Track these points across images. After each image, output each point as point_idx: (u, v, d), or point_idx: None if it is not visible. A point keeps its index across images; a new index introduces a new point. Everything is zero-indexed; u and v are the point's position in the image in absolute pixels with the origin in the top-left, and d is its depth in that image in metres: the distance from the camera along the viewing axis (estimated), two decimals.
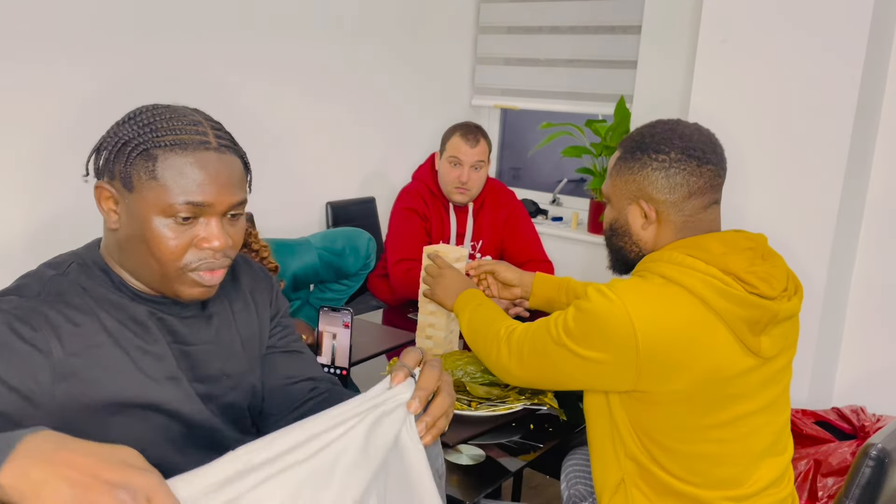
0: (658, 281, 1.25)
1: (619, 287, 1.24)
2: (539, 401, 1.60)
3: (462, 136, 2.48)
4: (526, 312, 2.28)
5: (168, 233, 0.98)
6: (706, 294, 1.22)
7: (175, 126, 0.99)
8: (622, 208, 1.37)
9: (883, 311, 2.25)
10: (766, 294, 1.25)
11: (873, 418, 2.02)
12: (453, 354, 1.73)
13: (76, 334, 0.95)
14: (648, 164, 1.31)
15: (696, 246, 1.28)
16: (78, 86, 2.14)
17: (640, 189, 1.32)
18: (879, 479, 1.20)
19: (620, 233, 1.38)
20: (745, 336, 1.24)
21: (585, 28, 3.14)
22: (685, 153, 1.29)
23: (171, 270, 0.99)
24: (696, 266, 1.24)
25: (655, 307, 1.22)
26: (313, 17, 2.73)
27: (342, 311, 1.71)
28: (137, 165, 0.96)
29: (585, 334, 1.25)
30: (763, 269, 1.27)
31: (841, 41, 2.03)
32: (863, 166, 2.19)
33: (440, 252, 1.82)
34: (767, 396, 1.31)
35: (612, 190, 1.39)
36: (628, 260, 1.40)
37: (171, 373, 1.02)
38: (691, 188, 1.30)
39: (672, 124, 1.34)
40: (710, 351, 1.22)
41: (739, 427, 1.29)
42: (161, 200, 0.96)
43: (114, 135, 1.00)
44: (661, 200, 1.31)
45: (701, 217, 1.32)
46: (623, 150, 1.36)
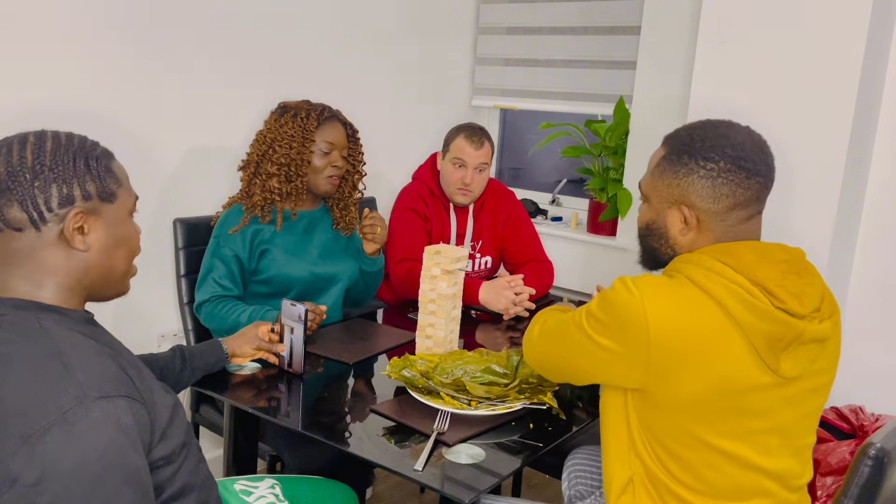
0: (683, 282, 1.23)
1: (642, 282, 1.22)
2: (539, 400, 1.60)
3: (467, 137, 2.48)
4: (525, 312, 2.28)
5: (135, 228, 1.16)
6: (729, 302, 1.19)
7: (87, 140, 1.10)
8: (661, 210, 1.33)
9: (882, 311, 2.25)
10: (794, 311, 1.21)
11: (872, 418, 2.02)
12: (453, 354, 1.73)
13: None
14: (695, 170, 1.26)
15: (728, 252, 1.25)
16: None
17: (684, 195, 1.28)
18: (878, 478, 1.20)
19: (657, 234, 1.35)
20: (763, 351, 1.20)
21: (585, 28, 3.14)
22: (735, 163, 1.25)
23: (130, 264, 1.16)
24: (723, 273, 1.21)
25: (673, 307, 1.20)
26: (313, 17, 2.73)
27: (299, 305, 1.71)
28: (106, 178, 1.08)
29: (603, 322, 1.25)
30: (795, 285, 1.23)
31: (840, 41, 2.03)
32: (862, 166, 2.20)
33: (441, 252, 1.82)
34: (784, 418, 1.26)
35: (652, 190, 1.34)
36: (661, 260, 1.38)
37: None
38: (737, 200, 1.26)
39: (724, 129, 1.29)
40: (723, 360, 1.19)
41: (749, 443, 1.25)
42: (129, 201, 1.13)
43: (57, 164, 1.04)
44: (703, 209, 1.27)
45: (742, 228, 1.29)
46: (669, 150, 1.32)
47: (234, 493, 1.48)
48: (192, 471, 1.13)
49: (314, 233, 2.20)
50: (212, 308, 2.04)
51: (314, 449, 1.88)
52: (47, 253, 1.05)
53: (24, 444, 0.90)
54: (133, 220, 1.15)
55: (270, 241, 2.11)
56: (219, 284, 2.05)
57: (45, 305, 1.05)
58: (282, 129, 2.10)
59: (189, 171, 2.43)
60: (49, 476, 0.90)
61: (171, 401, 1.11)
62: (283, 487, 1.54)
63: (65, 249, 1.06)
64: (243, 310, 2.01)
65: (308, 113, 2.11)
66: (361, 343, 1.96)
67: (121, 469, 0.94)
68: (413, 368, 1.63)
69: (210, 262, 2.08)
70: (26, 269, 1.05)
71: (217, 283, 2.05)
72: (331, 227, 2.25)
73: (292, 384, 1.71)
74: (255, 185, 2.11)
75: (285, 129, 2.09)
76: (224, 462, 1.82)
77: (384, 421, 1.54)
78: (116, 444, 0.93)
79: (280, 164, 2.09)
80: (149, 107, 2.30)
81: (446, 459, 1.39)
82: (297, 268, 2.13)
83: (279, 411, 1.59)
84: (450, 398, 1.57)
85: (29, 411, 0.92)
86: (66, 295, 1.07)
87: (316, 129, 2.11)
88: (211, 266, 2.07)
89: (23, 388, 0.94)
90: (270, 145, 2.10)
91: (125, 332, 2.34)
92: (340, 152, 2.16)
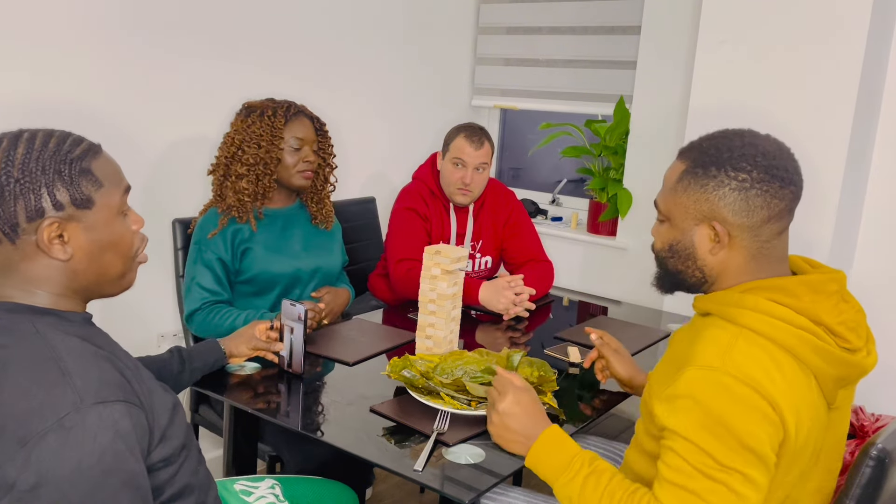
0: (753, 339, 1.12)
1: (731, 360, 1.10)
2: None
3: (466, 137, 2.48)
4: (525, 313, 2.28)
5: (126, 227, 1.10)
6: (802, 351, 1.11)
7: (68, 139, 1.05)
8: (687, 228, 1.22)
9: (882, 311, 2.25)
10: (855, 346, 1.16)
11: (872, 418, 2.02)
12: (453, 354, 1.73)
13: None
14: (726, 182, 1.16)
15: (780, 289, 1.16)
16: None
17: (713, 210, 1.18)
18: (879, 478, 1.20)
19: (683, 255, 1.24)
20: (830, 392, 1.15)
21: (585, 28, 3.14)
22: (768, 172, 1.15)
23: (129, 262, 1.11)
24: (785, 317, 1.12)
25: (774, 375, 1.09)
26: (313, 18, 2.73)
27: (299, 305, 1.71)
28: (82, 182, 1.03)
29: (738, 440, 1.11)
30: (850, 317, 1.18)
31: (840, 41, 2.03)
32: (862, 166, 2.20)
33: (441, 252, 1.81)
34: (827, 445, 1.22)
35: (674, 207, 1.23)
36: (685, 283, 1.27)
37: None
38: (771, 212, 1.16)
39: (750, 137, 1.20)
40: (811, 416, 1.13)
41: (805, 485, 1.21)
42: (113, 201, 1.07)
43: (26, 175, 1.00)
44: (736, 224, 1.17)
45: (775, 244, 1.20)
46: (692, 164, 1.21)
47: (233, 493, 1.47)
48: (192, 472, 1.13)
49: (293, 228, 2.21)
50: (203, 316, 2.03)
51: (314, 449, 1.88)
52: (29, 264, 1.03)
53: (21, 449, 0.90)
54: (123, 219, 1.09)
55: (251, 240, 2.11)
56: (206, 290, 2.04)
57: (40, 309, 1.04)
58: (249, 129, 2.09)
59: (189, 171, 2.43)
60: (46, 481, 0.89)
61: (170, 402, 1.11)
62: (283, 488, 1.54)
63: (46, 259, 1.03)
64: (237, 315, 2.00)
65: (274, 111, 2.11)
66: (361, 343, 1.96)
67: (118, 474, 0.94)
68: (413, 369, 1.63)
69: (193, 269, 2.07)
70: (14, 280, 1.04)
71: (204, 290, 2.04)
72: (309, 221, 2.27)
73: (292, 384, 1.71)
74: (227, 188, 2.11)
75: (253, 129, 2.08)
76: (224, 462, 1.82)
77: (384, 421, 1.54)
78: (113, 450, 0.93)
79: (249, 165, 2.08)
80: (149, 107, 2.30)
81: (446, 459, 1.39)
82: (280, 264, 2.13)
83: (279, 411, 1.59)
84: (450, 398, 1.57)
85: (26, 416, 0.92)
86: (61, 299, 1.06)
87: (284, 127, 2.11)
88: (194, 274, 2.06)
89: (19, 393, 0.93)
90: (239, 146, 2.09)
91: (125, 333, 2.34)
92: (310, 147, 2.16)
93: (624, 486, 1.18)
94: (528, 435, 1.30)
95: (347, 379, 1.77)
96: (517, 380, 1.36)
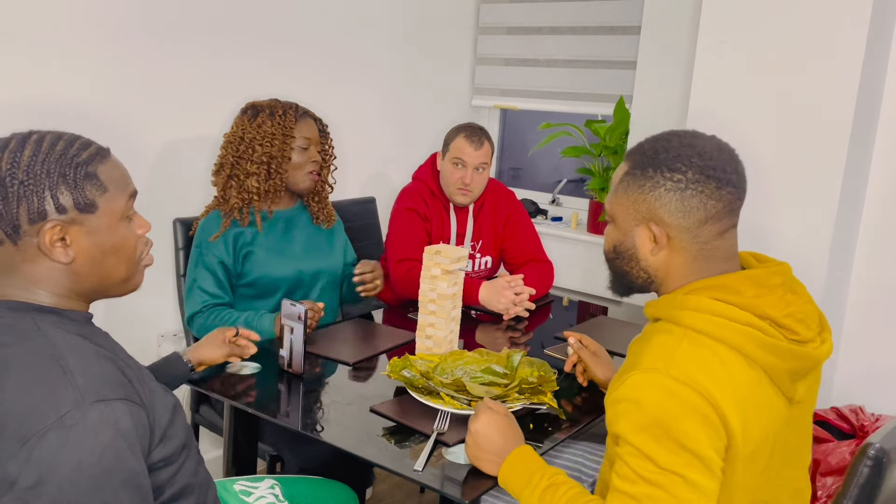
0: (697, 339, 1.12)
1: (672, 364, 1.09)
2: (539, 400, 1.60)
3: (466, 137, 2.48)
4: (525, 313, 2.28)
5: (130, 231, 1.11)
6: (748, 348, 1.11)
7: (75, 143, 1.05)
8: (628, 230, 1.23)
9: (882, 311, 2.25)
10: (805, 337, 1.16)
11: (872, 418, 2.03)
12: (453, 354, 1.73)
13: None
14: (661, 183, 1.17)
15: (722, 287, 1.15)
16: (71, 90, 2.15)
17: (651, 211, 1.18)
18: (878, 478, 1.20)
19: (626, 256, 1.24)
20: (787, 387, 1.15)
21: (585, 28, 3.14)
22: (703, 173, 1.15)
23: (133, 266, 1.12)
24: (727, 314, 1.12)
25: (716, 375, 1.08)
26: (313, 18, 2.73)
27: (299, 305, 1.71)
28: (86, 187, 1.03)
29: (677, 442, 1.10)
30: (798, 308, 1.17)
31: (840, 41, 2.03)
32: (862, 166, 2.20)
33: (441, 252, 1.82)
34: (791, 443, 1.22)
35: (617, 208, 1.24)
36: (634, 285, 1.28)
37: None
38: (708, 213, 1.16)
39: (689, 138, 1.20)
40: (764, 415, 1.12)
41: (776, 485, 1.20)
42: (117, 206, 1.07)
43: (30, 177, 1.00)
44: (673, 225, 1.17)
45: (717, 244, 1.19)
46: (632, 165, 1.21)
47: (233, 493, 1.48)
48: (192, 472, 1.13)
49: (294, 230, 2.21)
50: (204, 319, 2.03)
51: (314, 449, 1.88)
52: (32, 265, 1.03)
53: (23, 447, 0.90)
54: (127, 224, 1.10)
55: (252, 243, 2.11)
56: (207, 293, 2.05)
57: (42, 307, 1.04)
58: (260, 128, 2.10)
59: (189, 171, 2.43)
60: (47, 479, 0.89)
61: (171, 402, 1.11)
62: (283, 488, 1.54)
63: (48, 261, 1.03)
64: (237, 317, 2.00)
65: (284, 110, 2.13)
66: (361, 343, 1.96)
67: (118, 473, 0.94)
68: (413, 369, 1.63)
69: (194, 272, 2.07)
70: (16, 280, 1.04)
71: (205, 293, 2.05)
72: (310, 223, 2.27)
73: (292, 384, 1.71)
74: (231, 188, 2.12)
75: (264, 128, 2.10)
76: (224, 462, 1.82)
77: (384, 421, 1.54)
78: (114, 448, 0.93)
79: (260, 163, 2.09)
80: (149, 106, 2.30)
81: (446, 459, 1.39)
82: (282, 267, 2.14)
83: (279, 411, 1.60)
84: (450, 398, 1.57)
85: (27, 414, 0.92)
86: (63, 300, 1.07)
87: (294, 126, 2.13)
88: (196, 277, 2.06)
89: (21, 391, 0.94)
90: (249, 145, 2.10)
91: (125, 333, 2.34)
92: (316, 147, 2.18)
93: (578, 499, 1.18)
94: (499, 454, 1.30)
95: (347, 379, 1.77)
96: (496, 405, 1.37)
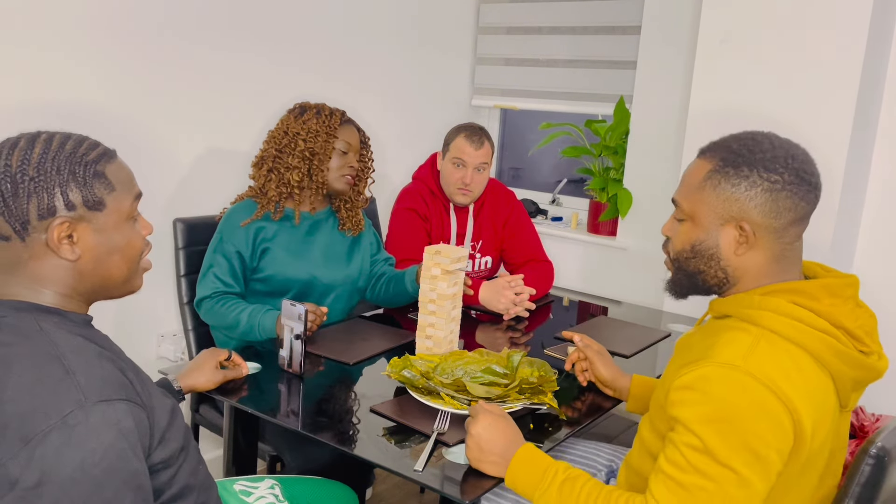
0: (776, 341, 1.13)
1: (751, 360, 1.10)
2: (539, 400, 1.60)
3: (467, 137, 2.48)
4: (526, 313, 2.28)
5: (135, 232, 1.12)
6: (824, 354, 1.12)
7: (84, 143, 1.07)
8: (711, 228, 1.21)
9: (882, 311, 2.25)
10: (871, 350, 1.18)
11: (872, 417, 2.02)
12: (453, 354, 1.73)
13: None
14: (758, 183, 1.16)
15: (801, 292, 1.16)
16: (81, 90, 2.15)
17: (743, 210, 1.17)
18: (879, 477, 1.20)
19: (706, 256, 1.22)
20: (846, 395, 1.16)
21: (585, 28, 3.14)
22: (799, 175, 1.16)
23: (134, 267, 1.13)
24: (806, 319, 1.13)
25: (794, 378, 1.09)
26: (313, 19, 2.73)
27: (299, 305, 1.71)
28: (95, 185, 1.04)
29: (743, 442, 1.10)
30: (865, 322, 1.19)
31: (840, 41, 2.03)
32: (862, 166, 2.20)
33: (441, 252, 1.81)
34: (835, 446, 1.22)
35: (700, 206, 1.22)
36: (704, 286, 1.26)
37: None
38: (797, 214, 1.17)
39: (777, 140, 1.21)
40: (828, 419, 1.13)
41: (819, 487, 1.21)
42: (124, 206, 1.09)
43: (41, 173, 1.01)
44: (763, 225, 1.17)
45: (796, 246, 1.21)
46: (721, 162, 1.20)
47: (233, 493, 1.47)
48: (192, 472, 1.13)
49: (316, 234, 2.20)
50: (212, 304, 2.04)
51: (314, 449, 1.88)
52: (38, 262, 1.04)
53: (25, 446, 0.90)
54: (132, 225, 1.11)
55: (272, 240, 2.11)
56: (220, 280, 2.06)
57: (45, 307, 1.05)
58: (305, 124, 2.13)
59: (189, 171, 2.43)
60: (49, 479, 0.89)
61: (169, 405, 1.11)
62: (283, 488, 1.54)
63: (55, 258, 1.04)
64: (243, 308, 2.01)
65: (331, 112, 2.17)
66: (361, 343, 1.96)
67: (120, 473, 0.94)
68: (413, 369, 1.63)
69: (212, 257, 2.09)
70: (21, 278, 1.05)
71: (218, 279, 2.06)
72: (335, 229, 2.25)
73: (292, 384, 1.71)
74: (271, 181, 2.13)
75: (309, 125, 2.13)
76: (224, 462, 1.82)
77: (384, 421, 1.54)
78: (116, 448, 0.93)
79: (303, 157, 2.12)
80: (148, 107, 2.30)
81: (446, 459, 1.39)
82: (297, 269, 2.13)
83: (279, 411, 1.59)
84: (450, 398, 1.57)
85: (29, 414, 0.92)
86: (66, 300, 1.07)
87: (339, 127, 2.16)
88: (213, 262, 2.08)
89: (23, 390, 0.94)
90: (293, 139, 2.13)
91: (125, 333, 2.35)
92: (355, 154, 2.20)
93: (599, 488, 1.20)
94: (503, 455, 1.30)
95: (347, 379, 1.77)
96: (492, 407, 1.38)
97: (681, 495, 1.09)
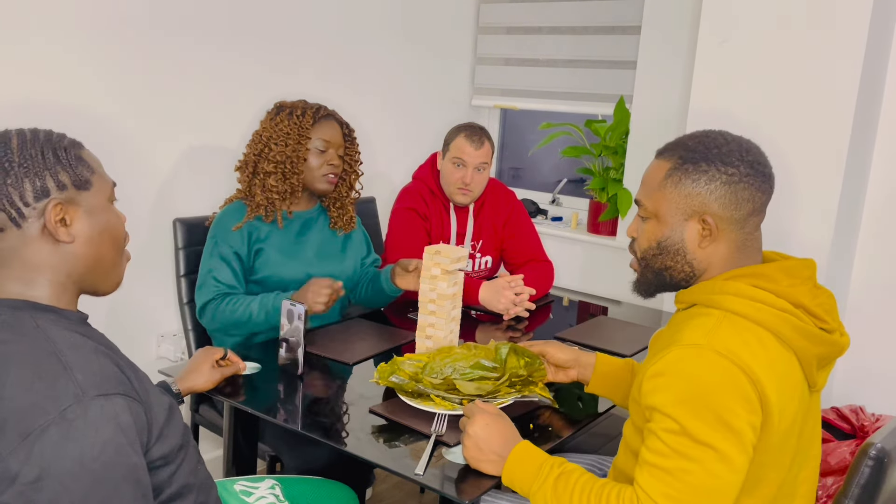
0: (737, 322, 1.16)
1: (716, 339, 1.13)
2: (530, 391, 1.59)
3: (467, 137, 2.48)
4: (525, 313, 2.28)
5: (117, 215, 1.14)
6: (784, 331, 1.15)
7: (53, 133, 1.09)
8: (676, 224, 1.25)
9: (882, 311, 2.25)
10: (831, 327, 1.21)
11: (872, 418, 2.02)
12: (441, 351, 1.68)
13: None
14: (717, 176, 1.21)
15: (760, 275, 1.20)
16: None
17: (704, 204, 1.22)
18: (878, 478, 1.20)
19: (671, 251, 1.26)
20: (812, 372, 1.19)
21: (585, 28, 3.14)
22: (753, 168, 1.22)
23: (120, 252, 1.14)
24: (766, 300, 1.17)
25: (759, 354, 1.13)
26: (312, 17, 2.73)
27: (299, 305, 1.71)
28: (78, 166, 1.07)
29: (717, 416, 1.13)
30: (824, 300, 1.23)
31: (840, 41, 2.03)
32: (862, 166, 2.20)
33: (441, 252, 1.81)
34: (806, 430, 1.24)
35: (663, 204, 1.26)
36: (671, 282, 1.30)
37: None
38: (755, 205, 1.23)
39: (729, 136, 1.26)
40: (796, 396, 1.16)
41: (794, 470, 1.23)
42: (106, 187, 1.12)
43: (26, 159, 1.04)
44: (724, 217, 1.22)
45: (756, 235, 1.26)
46: (680, 160, 1.25)
47: (233, 493, 1.47)
48: (191, 472, 1.13)
49: (309, 233, 2.19)
50: (216, 306, 2.00)
51: (314, 449, 1.88)
52: (33, 249, 1.05)
53: (23, 442, 0.90)
54: (114, 208, 1.14)
55: (266, 241, 2.10)
56: (222, 283, 2.03)
57: (40, 305, 1.05)
58: (277, 127, 2.10)
59: (189, 171, 2.43)
60: (48, 474, 0.90)
61: (166, 402, 1.11)
62: (283, 488, 1.54)
63: (50, 244, 1.06)
64: (250, 300, 1.97)
65: (304, 111, 2.12)
66: (361, 343, 1.96)
67: (119, 467, 0.94)
68: (401, 373, 1.61)
69: (209, 262, 2.05)
70: (15, 270, 1.06)
71: (220, 282, 2.02)
72: (326, 227, 2.25)
73: (292, 384, 1.71)
74: (256, 186, 2.11)
75: (280, 127, 2.09)
76: (224, 462, 1.82)
77: (384, 421, 1.54)
78: (115, 442, 0.94)
79: (276, 162, 2.08)
80: (148, 106, 2.30)
81: (446, 460, 1.39)
82: (292, 269, 2.12)
83: (279, 411, 1.59)
84: (440, 400, 1.55)
85: (28, 410, 0.92)
86: (59, 292, 1.08)
87: (311, 127, 2.11)
88: (210, 266, 2.04)
89: (21, 386, 0.94)
90: (267, 144, 2.10)
91: (125, 333, 2.35)
92: (336, 151, 2.16)
93: (593, 482, 1.21)
94: (499, 454, 1.31)
95: (347, 379, 1.77)
96: (486, 406, 1.39)
97: (666, 480, 1.12)
